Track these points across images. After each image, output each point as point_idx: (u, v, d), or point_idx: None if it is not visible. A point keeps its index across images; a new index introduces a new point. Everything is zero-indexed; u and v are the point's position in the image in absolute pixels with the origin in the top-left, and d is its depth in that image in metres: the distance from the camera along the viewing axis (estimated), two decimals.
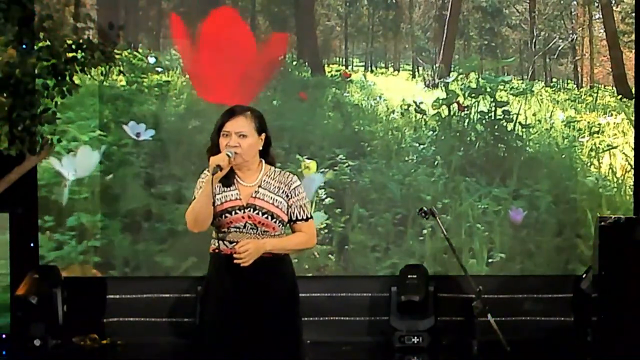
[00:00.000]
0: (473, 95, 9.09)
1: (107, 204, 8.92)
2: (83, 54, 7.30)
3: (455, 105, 9.09)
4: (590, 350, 7.78)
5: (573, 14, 9.35)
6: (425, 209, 8.01)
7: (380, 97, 9.20)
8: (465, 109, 9.07)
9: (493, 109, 9.07)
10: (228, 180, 4.81)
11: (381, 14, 9.41)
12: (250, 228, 4.79)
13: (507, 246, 8.92)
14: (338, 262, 8.95)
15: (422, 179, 8.97)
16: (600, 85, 9.26)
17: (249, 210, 4.79)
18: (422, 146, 9.05)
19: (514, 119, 9.04)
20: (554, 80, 9.28)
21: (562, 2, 9.29)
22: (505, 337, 7.54)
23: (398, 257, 8.90)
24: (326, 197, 8.97)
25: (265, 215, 4.80)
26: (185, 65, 9.04)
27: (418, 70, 9.33)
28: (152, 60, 9.11)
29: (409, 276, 8.50)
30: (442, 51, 9.25)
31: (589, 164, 8.99)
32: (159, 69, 9.11)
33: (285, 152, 8.85)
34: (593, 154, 9.00)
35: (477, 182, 8.96)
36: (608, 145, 9.00)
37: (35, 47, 7.34)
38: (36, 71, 7.26)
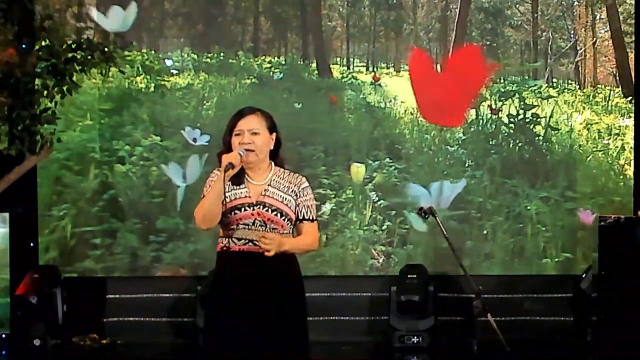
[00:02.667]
0: (502, 98, 9.11)
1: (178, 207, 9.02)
2: (83, 54, 7.31)
3: (487, 108, 9.12)
4: (590, 350, 7.77)
5: (575, 14, 9.33)
6: (425, 209, 7.99)
7: (394, 99, 9.20)
8: (499, 113, 9.10)
9: (522, 112, 9.09)
10: (238, 179, 4.86)
11: (383, 14, 9.41)
12: (260, 225, 4.82)
13: (569, 247, 8.94)
14: (400, 262, 8.97)
15: (467, 181, 9.00)
16: (602, 86, 9.26)
17: (259, 208, 4.82)
18: (452, 148, 9.08)
19: (542, 122, 9.06)
20: (554, 80, 9.27)
21: (564, 3, 9.28)
22: (505, 337, 7.54)
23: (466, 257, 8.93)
24: (379, 200, 9.00)
25: (275, 213, 4.83)
26: (417, 91, 9.06)
27: None
28: (169, 63, 9.18)
29: (409, 276, 8.51)
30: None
31: (623, 166, 9.01)
32: (175, 72, 9.17)
33: (325, 155, 9.01)
34: (616, 155, 9.03)
35: (518, 184, 9.00)
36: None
37: (35, 47, 7.34)
38: (36, 71, 7.27)
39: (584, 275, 8.35)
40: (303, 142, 8.91)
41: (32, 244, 8.79)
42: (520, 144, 9.07)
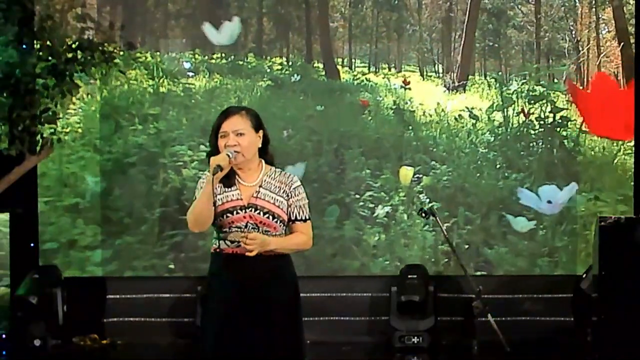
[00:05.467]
0: (532, 101, 9.09)
1: None
2: (83, 54, 7.32)
3: (519, 111, 9.10)
4: (590, 350, 7.75)
5: (578, 15, 9.31)
6: (425, 209, 8.01)
7: (410, 100, 9.18)
8: (529, 115, 9.08)
9: (551, 114, 9.06)
10: (229, 180, 4.84)
11: (385, 15, 9.40)
12: (252, 227, 4.81)
13: None
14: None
15: (509, 184, 9.00)
16: None
17: (250, 210, 4.82)
18: (483, 151, 9.06)
19: (568, 124, 9.03)
20: (555, 81, 9.24)
21: (566, 3, 9.27)
22: (505, 337, 7.55)
23: (512, 255, 8.97)
24: (429, 202, 8.96)
25: (267, 215, 4.82)
26: (597, 108, 9.00)
27: (424, 72, 9.31)
28: (187, 65, 9.18)
29: (409, 276, 8.49)
30: (460, 54, 9.23)
31: None
32: (191, 74, 9.16)
33: (365, 158, 9.00)
34: None
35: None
36: None
37: (35, 47, 7.36)
38: (36, 71, 7.29)
39: (584, 275, 8.33)
40: (339, 145, 8.98)
41: (32, 244, 8.80)
42: (549, 147, 9.04)
